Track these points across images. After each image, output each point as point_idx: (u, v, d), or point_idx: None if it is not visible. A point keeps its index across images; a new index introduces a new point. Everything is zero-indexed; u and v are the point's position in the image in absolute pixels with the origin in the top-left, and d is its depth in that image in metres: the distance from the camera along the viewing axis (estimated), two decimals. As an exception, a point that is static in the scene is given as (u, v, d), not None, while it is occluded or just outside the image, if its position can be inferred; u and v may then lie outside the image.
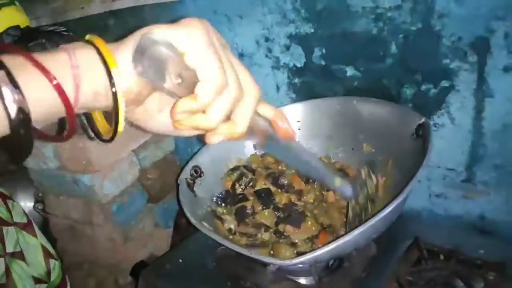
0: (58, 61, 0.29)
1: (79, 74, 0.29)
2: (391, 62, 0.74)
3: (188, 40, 0.31)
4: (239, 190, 0.76)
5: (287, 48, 0.85)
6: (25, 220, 0.77)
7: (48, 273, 0.76)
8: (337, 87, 0.82)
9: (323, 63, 0.82)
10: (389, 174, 0.72)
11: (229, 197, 0.76)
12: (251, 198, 0.74)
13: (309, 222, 0.68)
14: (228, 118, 0.34)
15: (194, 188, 0.74)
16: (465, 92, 0.69)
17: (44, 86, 0.28)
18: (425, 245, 0.69)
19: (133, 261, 1.05)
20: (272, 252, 0.67)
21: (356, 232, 0.53)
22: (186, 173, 0.75)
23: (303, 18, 0.80)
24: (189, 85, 0.31)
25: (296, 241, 0.68)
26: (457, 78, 0.69)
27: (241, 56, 0.92)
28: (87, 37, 0.32)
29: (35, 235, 0.77)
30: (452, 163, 0.75)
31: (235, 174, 0.78)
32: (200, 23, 0.32)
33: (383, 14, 0.71)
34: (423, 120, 0.66)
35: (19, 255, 0.72)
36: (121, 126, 0.32)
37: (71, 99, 0.29)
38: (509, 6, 0.61)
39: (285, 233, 0.69)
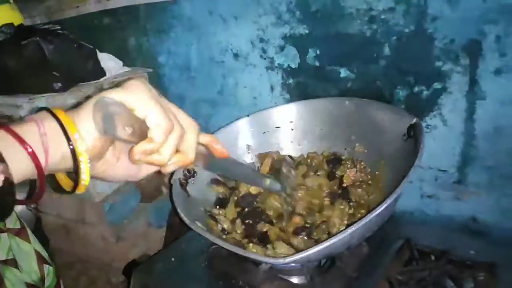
0: (29, 131, 0.35)
1: (47, 141, 0.35)
2: (384, 64, 0.75)
3: (134, 98, 0.37)
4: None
5: (282, 49, 0.85)
6: (18, 226, 0.76)
7: (42, 279, 0.76)
8: (331, 88, 0.83)
9: (317, 64, 0.82)
10: (381, 174, 0.72)
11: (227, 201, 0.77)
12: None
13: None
14: (176, 151, 0.41)
15: (187, 188, 0.74)
16: (457, 94, 0.70)
17: (22, 155, 0.34)
18: (417, 245, 0.69)
19: (125, 260, 1.05)
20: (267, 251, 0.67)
21: (348, 231, 0.53)
22: (179, 173, 0.75)
23: (297, 19, 0.80)
24: (140, 133, 0.38)
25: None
26: (450, 80, 0.70)
27: (236, 56, 0.92)
28: (51, 109, 0.37)
29: (28, 241, 0.76)
30: (444, 164, 0.76)
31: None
32: (142, 83, 0.39)
33: (376, 16, 0.72)
34: (414, 120, 0.66)
35: (12, 262, 0.72)
36: (87, 180, 0.37)
37: (42, 162, 0.35)
38: (500, 10, 0.62)
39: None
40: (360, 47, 0.76)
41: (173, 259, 0.77)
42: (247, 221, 0.72)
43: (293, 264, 0.68)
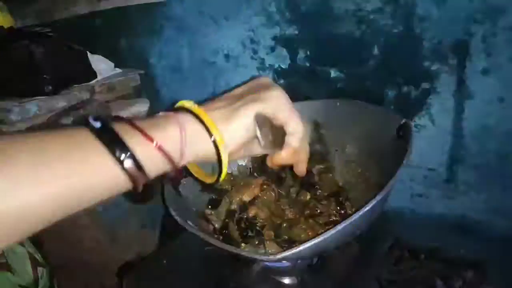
0: (170, 138, 0.37)
1: (185, 149, 0.38)
2: (373, 64, 0.75)
3: (277, 107, 0.43)
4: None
5: (272, 49, 0.85)
6: None
7: (36, 281, 0.75)
8: (321, 89, 0.83)
9: (307, 64, 0.83)
10: (372, 174, 0.73)
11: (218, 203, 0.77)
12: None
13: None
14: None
15: (179, 188, 0.74)
16: (445, 94, 0.71)
17: (151, 148, 0.36)
18: (406, 244, 0.70)
19: (119, 262, 1.05)
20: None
21: (338, 227, 0.53)
22: (170, 173, 0.75)
23: (287, 20, 0.80)
24: (275, 139, 0.44)
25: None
26: (438, 80, 0.70)
27: (226, 57, 0.92)
28: (194, 110, 0.39)
29: (22, 244, 0.76)
30: (434, 163, 0.77)
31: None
32: (281, 92, 0.44)
33: (365, 16, 0.72)
34: (404, 121, 0.67)
35: (4, 265, 0.72)
36: (224, 175, 0.42)
37: (177, 161, 0.38)
38: (486, 10, 0.62)
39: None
40: (349, 48, 0.76)
41: (165, 261, 0.77)
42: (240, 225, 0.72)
43: (285, 264, 0.68)
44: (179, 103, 0.41)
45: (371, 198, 0.58)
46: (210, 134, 0.38)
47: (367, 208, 0.54)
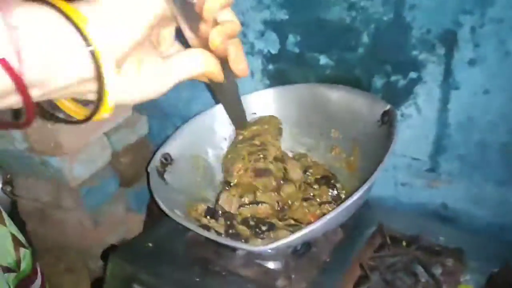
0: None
1: (17, 38, 0.23)
2: (362, 52, 0.75)
3: None
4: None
5: (262, 34, 0.84)
6: None
7: (18, 262, 0.75)
8: (310, 75, 0.83)
9: (297, 50, 0.82)
10: (356, 160, 0.74)
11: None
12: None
13: None
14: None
15: (165, 176, 0.74)
16: (432, 84, 0.71)
17: None
18: (389, 231, 0.71)
19: (104, 245, 1.05)
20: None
21: (327, 217, 0.54)
22: (156, 161, 0.74)
23: (278, 4, 0.79)
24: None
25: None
26: (425, 70, 0.71)
27: (215, 41, 0.91)
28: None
29: (3, 224, 0.75)
30: (418, 152, 0.77)
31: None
32: None
33: (356, 3, 0.71)
34: (388, 107, 0.68)
35: None
36: (107, 105, 0.27)
37: (18, 71, 0.23)
38: (476, 1, 0.62)
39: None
40: (339, 34, 0.76)
41: (150, 244, 0.77)
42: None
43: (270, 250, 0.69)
44: None
45: (356, 184, 0.59)
46: (77, 28, 0.24)
47: (355, 197, 0.55)
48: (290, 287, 0.64)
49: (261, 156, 0.75)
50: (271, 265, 0.70)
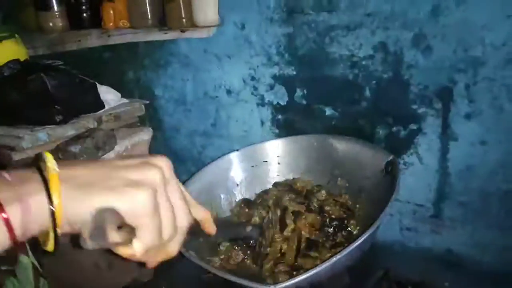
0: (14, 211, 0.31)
1: (29, 224, 0.32)
2: (365, 105, 0.81)
3: (129, 208, 0.34)
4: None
5: (271, 87, 0.91)
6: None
7: None
8: (317, 125, 0.89)
9: (304, 102, 0.88)
10: (361, 206, 0.77)
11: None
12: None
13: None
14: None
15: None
16: (431, 135, 0.76)
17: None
18: (395, 277, 0.73)
19: (117, 286, 1.07)
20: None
21: (333, 259, 0.57)
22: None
23: (286, 61, 0.86)
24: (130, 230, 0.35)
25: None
26: (424, 122, 0.76)
27: (229, 92, 0.98)
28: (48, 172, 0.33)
29: (27, 254, 0.80)
30: (421, 199, 0.81)
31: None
32: (143, 192, 0.35)
33: (358, 62, 0.78)
34: (391, 157, 0.72)
35: (12, 272, 0.75)
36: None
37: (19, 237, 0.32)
38: (469, 61, 0.68)
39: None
40: (343, 89, 0.82)
41: (164, 287, 0.80)
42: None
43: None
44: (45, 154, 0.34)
45: (361, 230, 0.63)
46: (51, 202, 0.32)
47: (358, 242, 0.58)
48: (300, 331, 0.66)
49: None
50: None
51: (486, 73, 0.68)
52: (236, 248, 0.76)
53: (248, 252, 0.75)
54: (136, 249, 0.36)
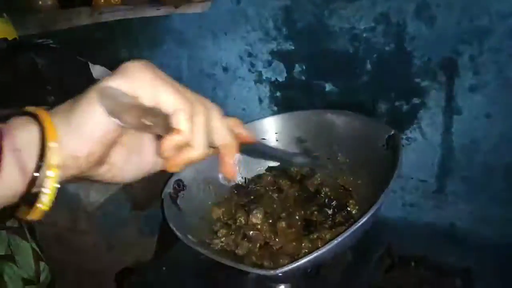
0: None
1: (22, 156, 0.29)
2: (366, 79, 0.78)
3: (137, 83, 0.31)
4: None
5: (269, 63, 0.88)
6: (16, 225, 0.79)
7: (38, 275, 0.78)
8: (317, 101, 0.86)
9: (303, 78, 0.86)
10: (363, 183, 0.76)
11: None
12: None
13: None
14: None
15: (178, 202, 0.77)
16: (435, 109, 0.74)
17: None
18: (397, 252, 0.73)
19: (117, 268, 1.06)
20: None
21: (337, 240, 0.56)
22: (169, 187, 0.77)
23: (284, 36, 0.83)
24: (163, 123, 0.32)
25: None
26: (428, 96, 0.73)
27: (225, 70, 0.95)
28: (30, 109, 0.31)
29: (26, 239, 0.79)
30: (424, 174, 0.80)
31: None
32: (139, 63, 0.32)
33: (358, 34, 0.75)
34: (393, 132, 0.70)
35: (10, 257, 0.75)
36: (47, 203, 0.31)
37: (19, 184, 0.29)
38: (473, 31, 0.66)
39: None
40: (343, 63, 0.80)
41: (164, 268, 0.79)
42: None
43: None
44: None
45: (365, 207, 0.61)
46: (43, 140, 0.29)
47: (362, 221, 0.57)
48: (302, 309, 0.65)
49: None
50: (282, 287, 0.72)
51: (492, 43, 0.65)
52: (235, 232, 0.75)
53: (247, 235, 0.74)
54: (183, 128, 0.32)
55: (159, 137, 0.34)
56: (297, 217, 0.75)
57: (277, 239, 0.72)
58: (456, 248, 0.77)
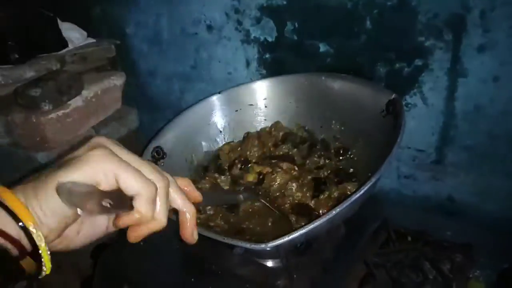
0: None
1: None
2: (365, 39, 0.71)
3: (94, 172, 0.32)
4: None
5: (258, 21, 0.80)
6: None
7: None
8: (309, 64, 0.79)
9: (295, 38, 0.78)
10: (359, 153, 0.70)
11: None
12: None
13: None
14: None
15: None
16: (438, 71, 0.68)
17: None
18: (393, 226, 0.68)
19: (94, 244, 1.00)
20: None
21: (333, 212, 0.50)
22: (147, 155, 0.70)
23: (275, -11, 0.75)
24: (121, 199, 0.33)
25: None
26: (431, 57, 0.67)
27: (209, 28, 0.87)
28: None
29: None
30: (423, 144, 0.74)
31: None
32: (96, 151, 0.33)
33: (358, -13, 0.68)
34: (393, 96, 0.64)
35: None
36: (49, 269, 0.33)
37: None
38: (486, -18, 0.59)
39: None
40: (340, 20, 0.72)
41: (141, 242, 0.72)
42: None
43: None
44: None
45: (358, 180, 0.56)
46: (16, 218, 0.30)
47: (362, 191, 0.51)
48: (292, 287, 0.60)
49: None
50: (270, 263, 0.66)
51: (507, -4, 0.59)
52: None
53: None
54: (144, 210, 0.34)
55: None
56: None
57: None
58: (454, 222, 0.72)
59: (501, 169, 0.69)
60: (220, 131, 0.80)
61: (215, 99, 0.79)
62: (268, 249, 0.50)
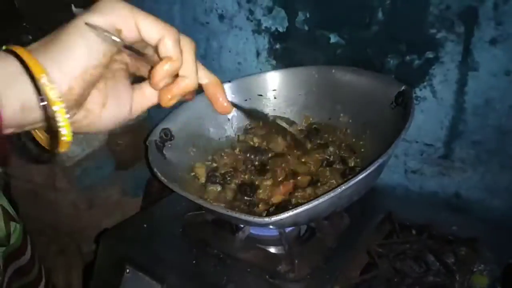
0: None
1: None
2: (376, 30, 0.71)
3: (116, 16, 0.31)
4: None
5: (270, 10, 0.81)
6: None
7: (8, 236, 0.71)
8: (319, 55, 0.79)
9: (306, 28, 0.78)
10: (367, 145, 0.70)
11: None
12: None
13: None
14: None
15: (164, 151, 0.70)
16: (449, 64, 0.67)
17: None
18: (398, 219, 0.67)
19: (98, 228, 1.01)
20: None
21: (336, 192, 0.50)
22: (155, 135, 0.70)
23: (288, -22, 0.76)
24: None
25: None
26: (443, 50, 0.67)
27: (221, 18, 0.87)
28: (5, 47, 0.30)
29: None
30: (431, 138, 0.74)
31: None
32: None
33: (371, -23, 0.68)
34: (403, 87, 0.64)
35: None
36: (68, 134, 0.30)
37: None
38: (501, -27, 0.59)
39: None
40: (352, 11, 0.72)
41: (145, 225, 0.73)
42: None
43: (272, 232, 0.65)
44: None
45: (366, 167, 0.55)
46: (27, 70, 0.28)
47: (365, 173, 0.51)
48: (293, 272, 0.60)
49: None
50: (272, 249, 0.66)
51: (521, -12, 0.58)
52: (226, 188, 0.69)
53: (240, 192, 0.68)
54: (173, 54, 0.32)
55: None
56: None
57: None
58: (460, 217, 0.71)
59: (509, 165, 0.68)
60: (228, 119, 0.80)
61: (225, 87, 0.79)
62: (272, 222, 0.49)
